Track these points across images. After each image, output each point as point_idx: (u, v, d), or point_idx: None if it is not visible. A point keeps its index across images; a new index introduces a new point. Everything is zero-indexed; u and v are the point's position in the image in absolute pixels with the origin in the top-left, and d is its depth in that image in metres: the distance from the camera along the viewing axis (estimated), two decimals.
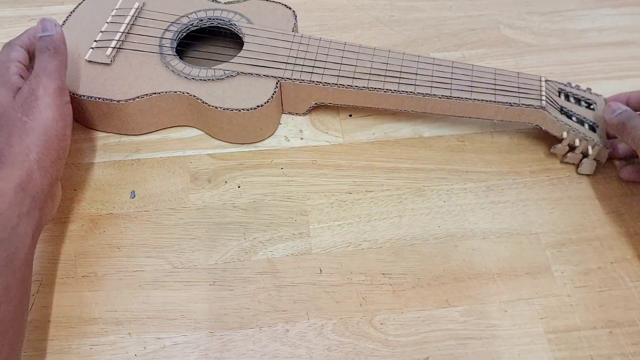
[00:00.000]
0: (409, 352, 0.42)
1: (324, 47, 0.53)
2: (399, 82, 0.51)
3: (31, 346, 0.42)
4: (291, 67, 0.51)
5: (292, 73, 0.51)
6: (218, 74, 0.51)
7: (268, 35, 0.54)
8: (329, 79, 0.51)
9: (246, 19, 0.55)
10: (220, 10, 0.56)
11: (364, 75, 0.51)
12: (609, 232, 0.49)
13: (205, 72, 0.51)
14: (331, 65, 0.52)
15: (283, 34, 0.54)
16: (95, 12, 0.56)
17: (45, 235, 0.47)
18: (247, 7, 0.57)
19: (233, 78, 0.51)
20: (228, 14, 0.56)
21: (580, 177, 0.52)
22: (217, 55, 0.56)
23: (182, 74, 0.51)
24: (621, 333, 0.43)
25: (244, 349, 0.42)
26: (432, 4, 0.68)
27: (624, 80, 0.60)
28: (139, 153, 0.53)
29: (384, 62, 0.52)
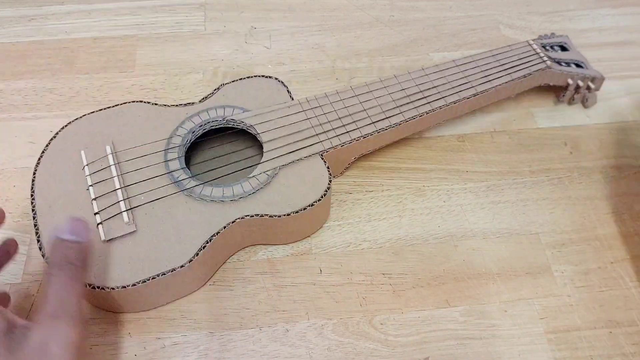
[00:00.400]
0: (409, 352, 0.42)
1: (336, 100, 0.50)
2: (427, 101, 0.50)
3: None
4: (324, 135, 0.47)
5: (330, 142, 0.47)
6: (262, 180, 0.44)
7: (276, 115, 0.48)
8: (366, 130, 0.48)
9: (239, 109, 0.49)
10: (204, 112, 0.48)
11: (393, 110, 0.49)
12: (609, 232, 0.49)
13: (248, 185, 0.44)
14: (358, 116, 0.49)
15: (289, 106, 0.49)
16: (61, 181, 0.43)
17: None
18: (226, 96, 0.50)
19: (277, 176, 0.45)
20: (217, 112, 0.48)
21: (580, 177, 0.52)
22: (222, 156, 0.49)
23: (226, 199, 0.43)
24: (621, 333, 0.43)
25: (244, 349, 0.42)
26: (432, 4, 0.68)
27: (624, 81, 0.61)
28: None
29: (401, 89, 0.51)
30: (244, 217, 0.42)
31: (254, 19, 0.65)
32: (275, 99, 0.50)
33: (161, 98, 0.57)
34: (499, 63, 0.54)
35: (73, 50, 0.61)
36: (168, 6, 0.66)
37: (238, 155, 0.49)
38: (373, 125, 0.48)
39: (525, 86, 0.55)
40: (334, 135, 0.47)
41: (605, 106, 0.58)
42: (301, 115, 0.48)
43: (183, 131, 0.47)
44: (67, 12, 0.65)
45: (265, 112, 0.48)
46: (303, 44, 0.63)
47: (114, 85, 0.58)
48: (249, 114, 0.48)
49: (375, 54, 0.62)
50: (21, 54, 0.61)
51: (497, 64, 0.54)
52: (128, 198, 0.42)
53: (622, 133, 0.56)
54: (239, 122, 0.48)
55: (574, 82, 0.55)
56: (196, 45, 0.62)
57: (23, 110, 0.56)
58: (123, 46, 0.62)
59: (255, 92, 0.50)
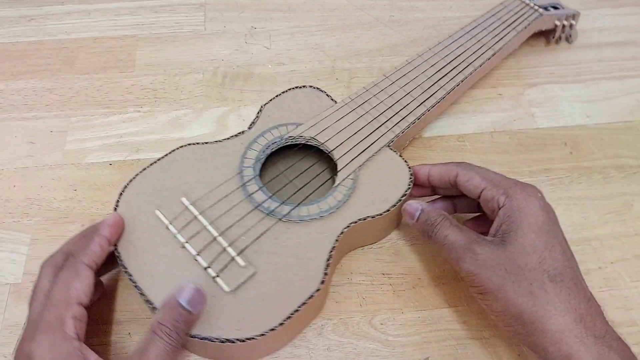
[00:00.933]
0: (409, 352, 0.42)
1: (378, 91, 0.50)
2: (459, 70, 0.53)
3: None
4: (384, 127, 0.48)
5: (392, 131, 0.48)
6: (349, 185, 0.44)
7: (330, 121, 0.48)
8: (418, 111, 0.49)
9: (291, 125, 0.48)
10: (259, 137, 0.47)
11: (433, 87, 0.51)
12: (609, 232, 0.49)
13: (339, 194, 0.43)
14: (405, 100, 0.50)
15: (337, 109, 0.49)
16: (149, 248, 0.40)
17: (46, 235, 0.47)
18: (270, 116, 0.49)
19: (360, 178, 0.45)
20: (272, 134, 0.47)
21: (580, 177, 0.52)
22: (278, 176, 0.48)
23: (324, 214, 0.42)
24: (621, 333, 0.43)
25: None
26: (432, 4, 0.68)
27: (624, 81, 0.61)
28: (138, 153, 0.53)
29: (431, 66, 0.53)
30: (349, 226, 0.42)
31: (254, 19, 0.65)
32: (319, 105, 0.50)
33: (161, 98, 0.57)
34: (501, 21, 0.58)
35: (73, 50, 0.61)
36: (168, 6, 0.66)
37: (293, 170, 0.48)
38: (422, 105, 0.50)
39: (524, 37, 0.60)
40: (393, 124, 0.48)
41: (605, 106, 0.58)
42: (353, 115, 0.49)
43: (250, 161, 0.45)
44: (67, 12, 0.65)
45: (318, 121, 0.48)
46: (303, 44, 0.63)
47: (114, 85, 0.58)
48: (304, 127, 0.48)
49: (375, 54, 0.62)
50: (21, 54, 0.61)
51: (500, 22, 0.58)
52: (232, 243, 0.40)
53: (622, 133, 0.56)
54: (299, 137, 0.47)
55: (560, 23, 0.62)
56: (196, 46, 0.62)
57: (23, 110, 0.56)
58: (123, 46, 0.62)
59: (297, 104, 0.50)
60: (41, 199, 0.49)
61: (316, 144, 0.47)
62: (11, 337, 0.42)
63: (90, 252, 0.37)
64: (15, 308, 0.43)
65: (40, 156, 0.52)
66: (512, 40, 0.57)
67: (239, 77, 0.59)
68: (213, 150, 0.46)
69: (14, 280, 0.45)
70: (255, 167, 0.45)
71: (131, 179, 0.43)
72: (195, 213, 0.41)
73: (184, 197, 0.42)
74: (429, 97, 0.50)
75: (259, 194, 0.43)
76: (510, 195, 0.39)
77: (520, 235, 0.37)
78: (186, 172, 0.44)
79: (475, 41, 0.56)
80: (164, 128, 0.55)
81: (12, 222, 0.48)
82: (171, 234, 0.40)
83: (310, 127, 0.48)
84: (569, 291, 0.35)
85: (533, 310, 0.34)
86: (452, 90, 0.51)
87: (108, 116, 0.56)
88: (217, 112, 0.56)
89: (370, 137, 0.47)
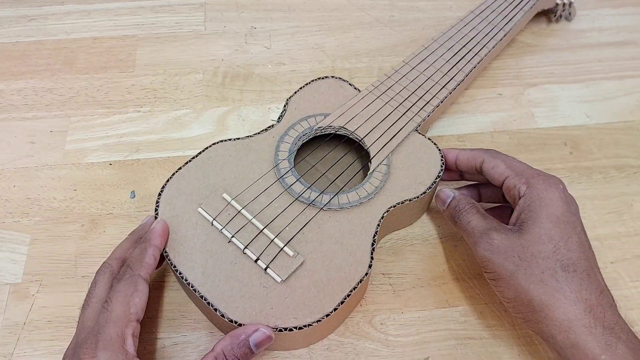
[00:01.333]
0: (409, 352, 0.42)
1: (400, 77, 0.51)
2: (474, 52, 0.54)
3: (30, 346, 0.42)
4: (410, 112, 0.48)
5: (419, 115, 0.48)
6: (384, 171, 0.45)
7: (357, 110, 0.49)
8: (441, 94, 0.50)
9: (319, 115, 0.48)
10: (290, 129, 0.47)
11: (453, 70, 0.52)
12: (609, 232, 0.49)
13: (375, 180, 0.44)
14: (427, 85, 0.51)
15: (362, 97, 0.50)
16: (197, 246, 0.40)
17: (45, 235, 0.47)
18: (297, 108, 0.49)
19: (393, 163, 0.45)
20: (302, 125, 0.48)
21: (581, 177, 0.52)
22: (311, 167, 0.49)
23: (364, 200, 0.43)
24: None
25: None
26: (432, 4, 0.68)
27: (624, 80, 0.61)
28: (138, 153, 0.53)
29: (447, 49, 0.54)
30: (388, 210, 0.43)
31: (253, 19, 0.65)
32: (344, 95, 0.51)
33: (161, 98, 0.57)
34: (508, 2, 0.60)
35: (73, 50, 0.61)
36: (168, 6, 0.66)
37: (323, 162, 0.49)
38: (445, 88, 0.51)
39: (529, 17, 0.62)
40: (418, 108, 0.49)
41: (605, 106, 0.58)
42: (379, 102, 0.49)
43: (284, 154, 0.46)
44: (67, 12, 0.65)
45: (345, 110, 0.49)
46: (303, 44, 0.63)
47: (114, 85, 0.58)
48: (332, 117, 0.48)
49: (375, 54, 0.62)
50: (21, 54, 0.61)
51: (507, 3, 0.60)
52: (278, 234, 0.41)
53: (622, 133, 0.56)
54: (328, 127, 0.48)
55: (561, 2, 0.64)
56: (196, 45, 0.62)
57: (23, 110, 0.56)
58: (123, 46, 0.62)
59: (321, 95, 0.50)
60: (41, 198, 0.49)
61: (346, 133, 0.48)
62: (11, 337, 0.42)
63: (146, 265, 0.38)
64: (15, 308, 0.43)
65: (40, 156, 0.52)
66: (520, 21, 0.58)
67: (239, 77, 0.59)
68: (246, 146, 0.46)
69: (13, 280, 0.45)
70: (290, 159, 0.45)
71: (168, 179, 0.44)
72: (238, 208, 0.42)
73: (225, 193, 0.43)
74: (449, 80, 0.52)
75: (298, 185, 0.44)
76: (532, 185, 0.39)
77: (538, 224, 0.37)
78: (222, 168, 0.45)
79: (486, 23, 0.57)
80: (164, 128, 0.55)
81: (12, 222, 0.48)
82: (217, 230, 0.41)
83: (338, 116, 0.48)
84: (580, 282, 0.35)
85: (543, 298, 0.35)
86: (470, 72, 0.53)
87: (108, 116, 0.56)
88: (217, 112, 0.56)
89: (398, 122, 0.48)
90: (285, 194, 0.43)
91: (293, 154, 0.46)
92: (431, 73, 0.52)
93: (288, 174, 0.44)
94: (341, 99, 0.50)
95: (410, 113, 0.49)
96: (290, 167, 0.45)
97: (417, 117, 0.48)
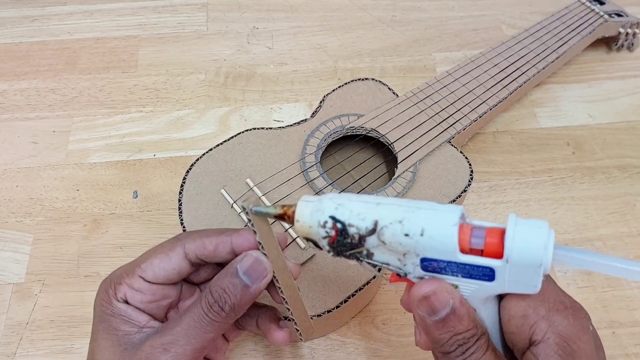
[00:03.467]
0: (411, 352, 0.42)
1: (440, 87, 0.51)
2: (522, 71, 0.53)
3: (33, 346, 0.42)
4: (445, 123, 0.48)
5: (454, 127, 0.48)
6: (409, 178, 0.44)
7: (391, 114, 0.48)
8: (481, 109, 0.49)
9: (353, 115, 0.49)
10: (321, 125, 0.48)
11: (496, 87, 0.51)
12: (612, 232, 0.49)
13: (398, 186, 0.44)
14: (467, 98, 0.50)
15: (399, 103, 0.49)
16: (213, 225, 0.41)
17: (48, 235, 0.47)
18: (333, 106, 0.49)
19: (419, 171, 0.45)
20: (334, 123, 0.48)
21: (583, 177, 0.52)
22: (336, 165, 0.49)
23: None
24: (624, 333, 0.43)
25: (246, 348, 0.42)
26: (434, 4, 0.68)
27: (627, 80, 0.60)
28: (141, 153, 0.53)
29: (494, 65, 0.53)
30: None
31: (256, 19, 0.65)
32: (381, 98, 0.50)
33: (163, 98, 0.57)
34: (565, 25, 0.59)
35: (75, 50, 0.61)
36: (170, 7, 0.66)
37: (351, 161, 0.49)
38: (485, 104, 0.50)
39: (588, 42, 0.60)
40: (454, 120, 0.48)
41: (608, 106, 0.58)
42: (415, 109, 0.49)
43: (312, 149, 0.46)
44: (70, 13, 0.65)
45: (379, 113, 0.48)
46: (305, 44, 0.63)
47: (116, 85, 0.58)
48: (365, 119, 0.48)
49: (377, 54, 0.62)
50: (24, 54, 0.61)
51: (564, 26, 0.59)
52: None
53: (625, 133, 0.56)
54: (360, 128, 0.48)
55: (624, 31, 0.61)
56: (198, 46, 0.62)
57: (26, 110, 0.56)
58: (125, 46, 0.62)
59: (359, 96, 0.50)
60: (44, 198, 0.49)
61: (377, 135, 0.48)
62: (14, 336, 0.42)
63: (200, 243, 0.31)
64: (17, 307, 0.43)
65: (42, 156, 0.52)
66: (576, 45, 0.57)
67: (241, 77, 0.60)
68: (277, 136, 0.47)
69: (17, 279, 0.45)
70: (317, 154, 0.46)
71: (197, 158, 0.45)
72: (259, 194, 0.43)
73: (249, 179, 0.44)
74: (491, 96, 0.51)
75: (320, 180, 0.44)
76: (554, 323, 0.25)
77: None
78: (251, 155, 0.46)
79: (539, 43, 0.56)
80: (166, 128, 0.55)
81: (14, 221, 0.48)
82: (235, 213, 0.42)
83: (371, 118, 0.48)
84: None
85: None
86: (514, 91, 0.52)
87: (110, 116, 0.56)
88: (219, 112, 0.56)
89: (431, 131, 0.47)
90: (307, 187, 0.44)
91: (321, 150, 0.46)
92: (474, 87, 0.51)
93: (312, 168, 0.45)
94: (378, 101, 0.50)
95: (445, 124, 0.48)
96: (316, 162, 0.45)
97: (452, 129, 0.48)
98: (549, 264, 0.24)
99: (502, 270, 0.24)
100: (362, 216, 0.26)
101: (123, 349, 0.29)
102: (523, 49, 0.55)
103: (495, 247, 0.24)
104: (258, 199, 0.29)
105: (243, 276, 0.29)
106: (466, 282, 0.25)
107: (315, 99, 0.57)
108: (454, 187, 0.44)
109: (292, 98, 0.58)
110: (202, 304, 0.29)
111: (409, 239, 0.25)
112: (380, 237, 0.25)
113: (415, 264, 0.26)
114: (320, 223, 0.26)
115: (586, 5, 0.62)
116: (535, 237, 0.24)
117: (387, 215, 0.25)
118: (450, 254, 0.25)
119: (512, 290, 0.25)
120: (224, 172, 0.44)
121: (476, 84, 0.51)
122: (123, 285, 0.31)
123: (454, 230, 0.24)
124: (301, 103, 0.57)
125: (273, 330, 0.33)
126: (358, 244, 0.26)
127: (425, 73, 0.60)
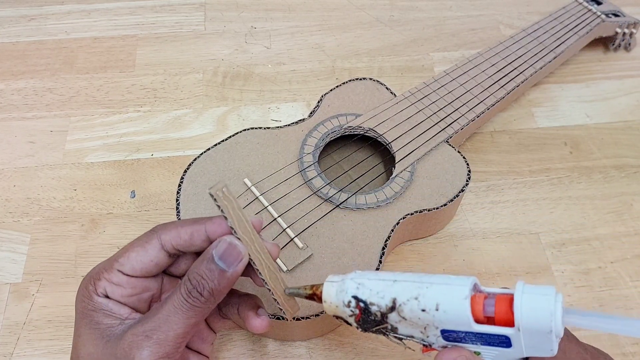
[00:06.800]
0: (409, 352, 0.42)
1: (438, 87, 0.51)
2: (519, 71, 0.53)
3: (30, 346, 0.42)
4: (443, 123, 0.48)
5: (452, 127, 0.48)
6: (406, 177, 0.44)
7: (389, 114, 0.48)
8: (478, 109, 0.49)
9: (351, 115, 0.48)
10: (319, 125, 0.48)
11: (494, 86, 0.51)
12: (609, 232, 0.49)
13: (396, 186, 0.44)
14: (465, 97, 0.50)
15: (397, 103, 0.49)
16: None
17: (45, 235, 0.47)
18: (331, 106, 0.49)
19: (417, 171, 0.45)
20: (332, 123, 0.48)
21: (580, 177, 0.52)
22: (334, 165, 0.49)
23: (382, 204, 0.43)
24: None
25: (244, 348, 0.42)
26: (432, 4, 0.68)
27: (624, 80, 0.61)
28: (139, 153, 0.53)
29: (491, 65, 0.53)
30: (405, 217, 0.42)
31: (253, 19, 0.65)
32: (379, 98, 0.50)
33: (161, 98, 0.57)
34: (563, 25, 0.59)
35: (73, 50, 0.61)
36: (168, 6, 0.66)
37: (348, 160, 0.49)
38: (482, 103, 0.50)
39: (585, 42, 0.60)
40: (452, 120, 0.48)
41: (606, 106, 0.58)
42: (413, 109, 0.49)
43: (309, 148, 0.46)
44: (67, 12, 0.65)
45: (377, 113, 0.48)
46: (303, 44, 0.63)
47: (114, 85, 0.58)
48: (363, 118, 0.48)
49: (375, 54, 0.62)
50: (21, 53, 0.61)
51: (562, 26, 0.58)
52: (291, 225, 0.41)
53: (622, 133, 0.56)
54: (357, 128, 0.48)
55: (621, 31, 0.61)
56: (196, 45, 0.62)
57: (23, 110, 0.56)
58: (123, 46, 0.62)
59: (357, 95, 0.50)
60: (41, 198, 0.49)
61: (375, 135, 0.48)
62: (11, 336, 0.42)
63: (175, 233, 0.31)
64: (15, 307, 0.43)
65: (40, 156, 0.52)
66: (573, 45, 0.57)
67: (239, 76, 0.59)
68: (274, 136, 0.47)
69: (14, 279, 0.45)
70: (315, 154, 0.46)
71: (195, 157, 0.45)
72: (257, 194, 0.43)
73: (247, 178, 0.44)
74: (488, 95, 0.51)
75: (318, 180, 0.44)
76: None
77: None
78: (248, 154, 0.46)
79: (536, 43, 0.56)
80: (164, 128, 0.55)
81: (12, 221, 0.48)
82: None
83: (369, 118, 0.48)
84: None
85: None
86: (512, 91, 0.52)
87: (108, 116, 0.56)
88: (217, 112, 0.56)
89: (429, 131, 0.47)
90: (305, 186, 0.44)
91: (319, 149, 0.46)
92: (471, 86, 0.51)
93: (310, 168, 0.45)
94: (376, 101, 0.50)
95: (443, 123, 0.48)
96: (314, 161, 0.45)
97: (450, 129, 0.48)
98: (559, 329, 0.24)
99: (516, 337, 0.25)
100: (381, 294, 0.28)
101: (106, 341, 0.29)
102: (520, 49, 0.55)
103: (505, 315, 0.25)
104: (226, 185, 0.29)
105: (219, 261, 0.29)
106: (487, 349, 0.27)
107: (313, 98, 0.57)
108: (452, 186, 0.44)
109: (290, 98, 0.58)
110: (181, 290, 0.30)
111: (426, 314, 0.26)
112: (400, 313, 0.27)
113: (437, 335, 0.27)
114: (345, 303, 0.28)
115: (583, 6, 0.62)
116: (542, 305, 0.24)
117: (403, 292, 0.27)
118: (466, 325, 0.26)
119: (531, 354, 0.26)
120: (222, 172, 0.44)
121: (474, 83, 0.51)
122: (102, 281, 0.31)
123: (466, 304, 0.26)
124: (299, 103, 0.57)
125: (251, 317, 0.33)
126: (382, 321, 0.28)
127: (423, 73, 0.60)
